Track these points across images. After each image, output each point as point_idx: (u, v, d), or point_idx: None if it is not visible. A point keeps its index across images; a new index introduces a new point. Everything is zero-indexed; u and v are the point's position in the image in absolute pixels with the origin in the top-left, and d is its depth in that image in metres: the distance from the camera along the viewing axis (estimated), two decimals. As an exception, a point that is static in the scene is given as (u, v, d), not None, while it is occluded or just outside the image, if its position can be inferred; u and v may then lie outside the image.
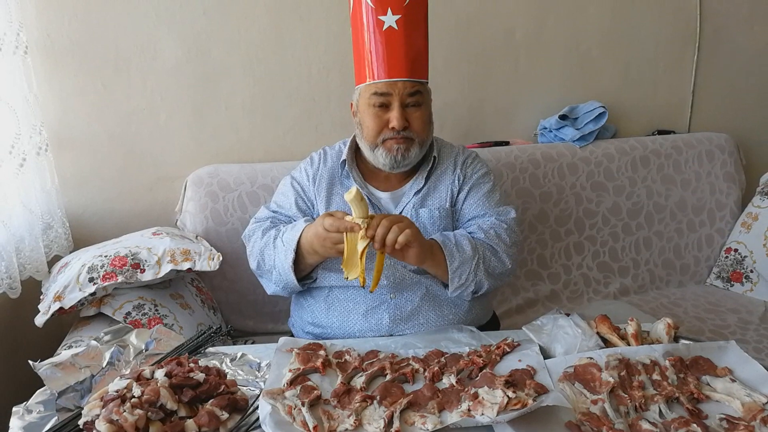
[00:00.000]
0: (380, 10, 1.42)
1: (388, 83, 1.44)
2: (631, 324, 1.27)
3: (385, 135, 1.46)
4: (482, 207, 1.54)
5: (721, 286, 2.28)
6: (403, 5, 1.42)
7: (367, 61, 1.46)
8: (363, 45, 1.47)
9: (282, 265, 1.43)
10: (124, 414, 0.95)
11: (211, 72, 2.05)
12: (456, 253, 1.40)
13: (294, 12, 2.07)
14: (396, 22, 1.42)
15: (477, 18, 2.22)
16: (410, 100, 1.45)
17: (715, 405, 1.07)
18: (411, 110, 1.46)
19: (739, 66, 2.50)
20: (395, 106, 1.44)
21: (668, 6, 2.37)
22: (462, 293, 1.45)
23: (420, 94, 1.46)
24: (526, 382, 1.10)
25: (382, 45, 1.43)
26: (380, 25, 1.43)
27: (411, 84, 1.44)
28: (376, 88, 1.45)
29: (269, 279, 1.51)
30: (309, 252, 1.39)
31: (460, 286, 1.42)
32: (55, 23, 1.89)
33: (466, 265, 1.40)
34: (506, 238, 1.49)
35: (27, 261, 1.69)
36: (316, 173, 1.59)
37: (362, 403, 1.06)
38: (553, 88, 2.36)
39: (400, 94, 1.43)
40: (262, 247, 1.50)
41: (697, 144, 2.35)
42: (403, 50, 1.43)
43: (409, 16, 1.43)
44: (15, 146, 1.67)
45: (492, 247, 1.47)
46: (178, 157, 2.09)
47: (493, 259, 1.46)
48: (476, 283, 1.43)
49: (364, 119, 1.49)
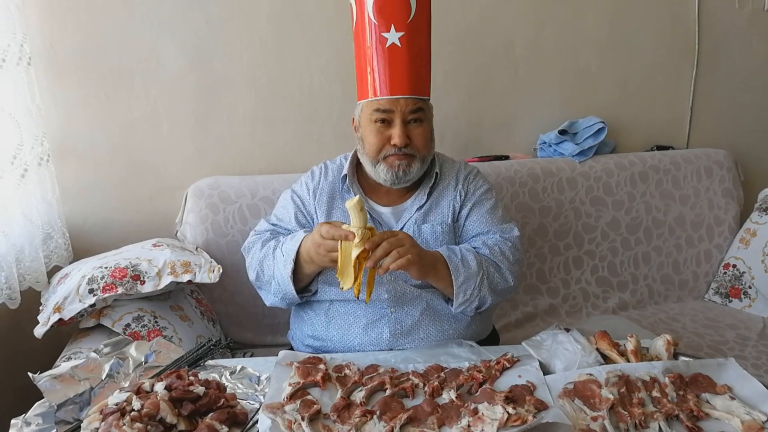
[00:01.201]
0: (383, 27, 1.42)
1: (390, 100, 1.44)
2: (631, 340, 1.27)
3: (386, 151, 1.47)
4: (485, 224, 1.54)
5: (720, 302, 2.28)
6: (406, 22, 1.42)
7: (369, 77, 1.46)
8: (365, 61, 1.47)
9: (281, 275, 1.43)
10: (124, 428, 0.95)
11: (213, 83, 2.06)
12: (461, 269, 1.40)
13: (296, 23, 2.08)
14: (399, 39, 1.42)
15: (476, 32, 2.24)
16: (412, 116, 1.46)
17: (715, 423, 1.07)
18: (413, 127, 1.46)
19: (738, 81, 2.52)
20: (397, 123, 1.44)
21: (666, 21, 2.39)
22: (465, 309, 1.45)
23: (422, 111, 1.47)
24: (526, 398, 1.10)
25: (385, 62, 1.43)
26: (383, 41, 1.43)
27: (413, 101, 1.45)
28: (378, 105, 1.45)
29: (268, 290, 1.51)
30: (306, 261, 1.39)
31: (465, 301, 1.42)
32: (58, 34, 1.91)
33: (471, 281, 1.41)
34: (510, 256, 1.49)
35: (27, 271, 1.69)
36: (316, 187, 1.60)
37: (362, 418, 1.06)
38: (552, 103, 2.38)
39: (402, 111, 1.44)
40: (262, 258, 1.50)
41: (696, 160, 2.36)
42: (406, 67, 1.43)
43: (413, 33, 1.44)
44: (17, 157, 1.68)
45: (496, 263, 1.47)
46: (179, 167, 2.09)
47: (497, 276, 1.46)
48: (480, 299, 1.43)
49: (366, 135, 1.49)
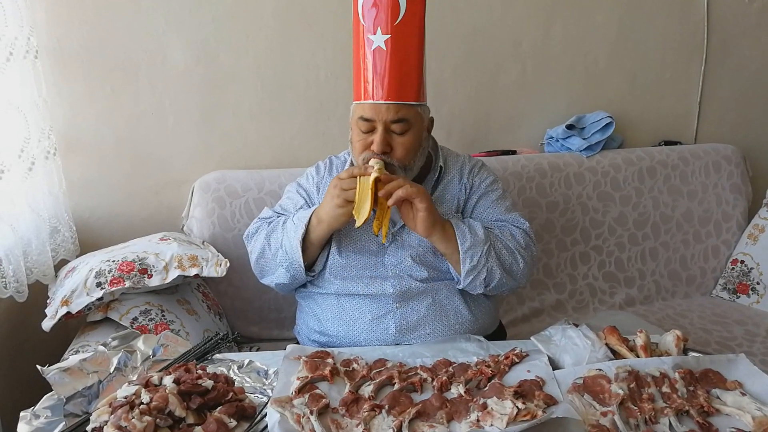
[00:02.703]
0: (369, 29, 1.38)
1: (372, 107, 1.39)
2: (640, 336, 1.27)
3: (366, 155, 1.43)
4: (494, 212, 1.53)
5: (727, 298, 2.27)
6: (392, 25, 1.35)
7: (357, 80, 1.43)
8: (356, 64, 1.44)
9: (290, 242, 1.43)
10: (133, 421, 0.95)
11: (219, 77, 2.06)
12: (468, 234, 1.38)
13: (301, 18, 2.07)
14: (384, 42, 1.36)
15: (485, 27, 2.22)
16: (395, 126, 1.41)
17: (726, 418, 1.07)
18: (395, 136, 1.42)
19: (746, 77, 2.50)
20: (379, 130, 1.40)
21: (675, 16, 2.37)
22: (474, 281, 1.41)
23: (405, 121, 1.40)
24: (535, 393, 1.10)
25: (369, 65, 1.39)
26: (369, 44, 1.38)
27: (395, 109, 1.39)
28: (362, 112, 1.41)
29: (273, 266, 1.49)
30: (314, 225, 1.41)
31: (473, 269, 1.38)
32: (64, 28, 1.90)
33: (478, 248, 1.38)
34: (521, 240, 1.47)
35: (34, 265, 1.69)
36: (320, 182, 1.60)
37: (371, 412, 1.06)
38: (559, 98, 2.36)
39: (383, 120, 1.39)
40: (270, 232, 1.50)
41: (704, 155, 2.35)
42: (389, 72, 1.37)
43: (400, 36, 1.36)
44: (24, 150, 1.68)
45: (505, 242, 1.45)
46: (185, 161, 2.09)
47: (505, 252, 1.43)
48: (488, 271, 1.39)
49: (353, 137, 1.48)
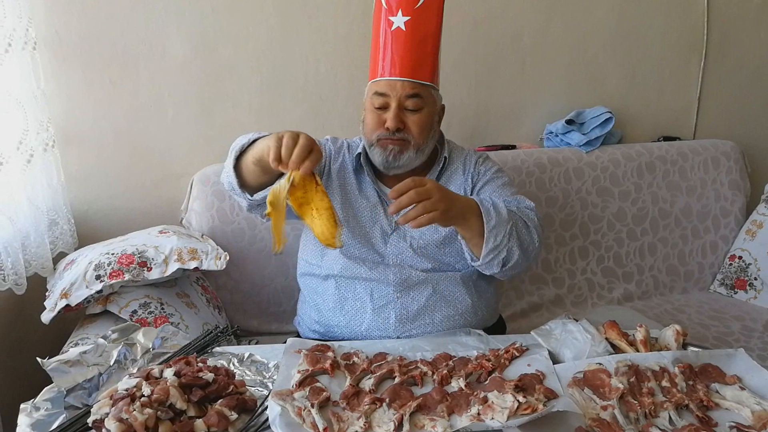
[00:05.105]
0: (391, 11, 1.45)
1: (388, 83, 1.45)
2: (640, 330, 1.27)
3: (380, 134, 1.47)
4: (501, 196, 1.50)
5: (725, 294, 2.27)
6: (413, 7, 1.43)
7: (374, 59, 1.50)
8: (375, 44, 1.50)
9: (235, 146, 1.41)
10: (134, 413, 0.95)
11: (218, 69, 2.05)
12: (492, 213, 1.34)
13: (302, 10, 2.06)
14: (405, 23, 1.44)
15: (484, 21, 2.22)
16: (409, 102, 1.45)
17: (725, 413, 1.07)
18: (409, 113, 1.46)
19: (746, 73, 2.50)
20: (392, 106, 1.45)
21: (675, 12, 2.37)
22: (492, 261, 1.37)
23: (419, 97, 1.45)
24: (536, 386, 1.10)
25: (389, 44, 1.45)
26: (390, 25, 1.45)
27: (410, 86, 1.44)
28: (377, 88, 1.46)
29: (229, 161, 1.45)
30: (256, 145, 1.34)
31: (494, 248, 1.34)
32: (63, 19, 1.89)
33: (502, 227, 1.34)
34: (534, 218, 1.45)
35: (32, 257, 1.69)
36: (337, 151, 1.62)
37: (371, 405, 1.06)
38: (559, 93, 2.36)
39: (398, 95, 1.44)
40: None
41: (703, 151, 2.35)
42: (407, 51, 1.44)
43: (419, 18, 1.44)
44: (23, 142, 1.67)
45: (523, 219, 1.42)
46: (184, 154, 2.08)
47: (524, 231, 1.41)
48: (507, 250, 1.36)
49: (366, 116, 1.52)
